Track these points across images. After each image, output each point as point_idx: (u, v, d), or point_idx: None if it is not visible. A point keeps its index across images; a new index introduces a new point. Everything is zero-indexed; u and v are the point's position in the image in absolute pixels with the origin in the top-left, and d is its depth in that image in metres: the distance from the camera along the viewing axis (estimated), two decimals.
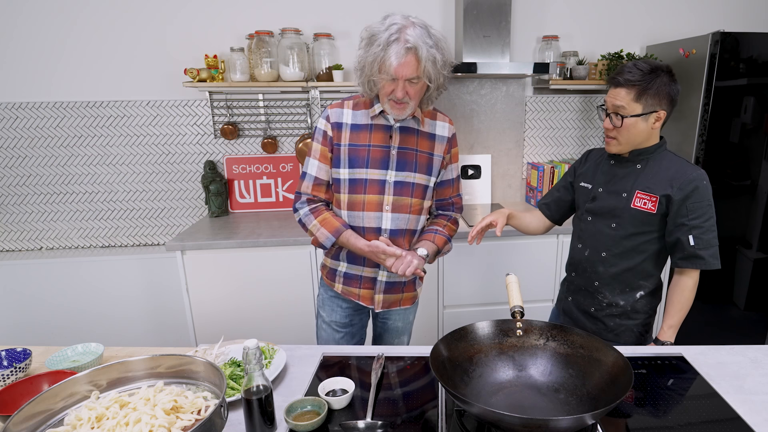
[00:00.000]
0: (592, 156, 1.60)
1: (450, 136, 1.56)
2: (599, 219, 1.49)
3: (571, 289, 1.61)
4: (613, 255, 1.46)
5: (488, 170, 2.89)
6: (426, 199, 1.55)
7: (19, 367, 1.16)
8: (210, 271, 2.27)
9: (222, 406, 0.84)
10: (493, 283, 2.42)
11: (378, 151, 1.46)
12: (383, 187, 1.47)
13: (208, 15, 2.56)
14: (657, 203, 1.38)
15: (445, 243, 1.59)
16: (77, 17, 2.49)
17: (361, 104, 1.49)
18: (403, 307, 1.65)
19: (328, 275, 1.62)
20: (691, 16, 2.82)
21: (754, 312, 2.61)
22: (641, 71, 1.32)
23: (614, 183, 1.47)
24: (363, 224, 1.49)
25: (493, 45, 2.52)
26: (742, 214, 2.48)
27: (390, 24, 1.30)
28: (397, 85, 1.33)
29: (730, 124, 2.36)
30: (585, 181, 1.56)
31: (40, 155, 2.64)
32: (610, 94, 1.39)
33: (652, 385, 1.15)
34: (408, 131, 1.48)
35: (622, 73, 1.34)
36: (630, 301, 1.47)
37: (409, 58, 1.29)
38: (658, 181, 1.39)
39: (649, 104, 1.34)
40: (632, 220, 1.42)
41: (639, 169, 1.43)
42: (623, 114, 1.35)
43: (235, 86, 2.48)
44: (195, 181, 2.77)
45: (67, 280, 2.61)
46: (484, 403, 1.02)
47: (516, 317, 1.15)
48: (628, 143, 1.41)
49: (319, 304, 1.68)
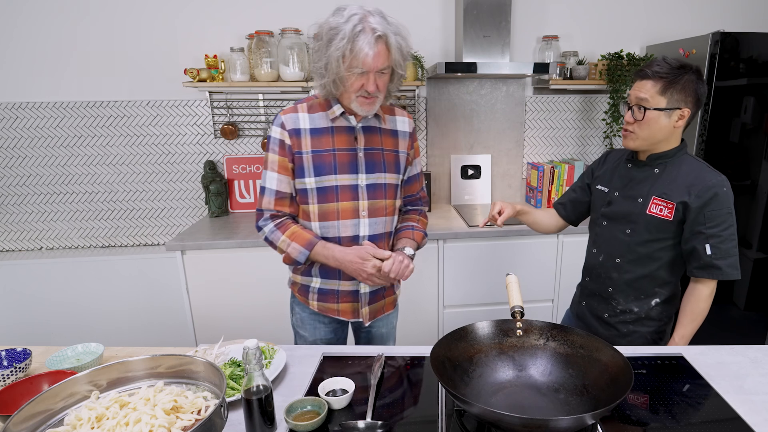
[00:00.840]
0: (611, 158, 1.56)
1: (411, 130, 1.50)
2: (614, 224, 1.45)
3: (585, 293, 1.58)
4: (627, 261, 1.43)
5: (488, 170, 2.89)
6: (397, 198, 1.49)
7: (19, 367, 1.16)
8: (210, 271, 2.27)
9: (222, 406, 0.84)
10: (493, 283, 2.42)
11: (344, 155, 1.37)
12: (356, 192, 1.39)
13: (208, 15, 2.56)
14: (674, 210, 1.33)
15: (423, 238, 1.54)
16: (77, 17, 2.49)
17: (316, 106, 1.38)
18: (386, 312, 1.58)
19: (300, 292, 1.52)
20: (691, 16, 2.82)
21: (754, 312, 2.61)
22: (670, 65, 1.29)
23: (631, 187, 1.42)
24: (339, 234, 1.40)
25: (493, 45, 2.52)
26: (742, 214, 2.48)
27: (350, 15, 1.22)
28: (368, 79, 1.26)
29: (730, 124, 2.36)
30: (602, 185, 1.52)
31: (40, 155, 2.64)
32: (635, 87, 1.34)
33: (652, 385, 1.15)
34: (371, 131, 1.41)
35: (650, 66, 1.31)
36: (644, 308, 1.44)
37: (380, 47, 1.22)
38: (676, 188, 1.34)
39: (674, 99, 1.29)
40: (647, 227, 1.38)
41: (657, 173, 1.38)
42: (646, 106, 1.31)
43: (235, 86, 2.48)
44: (195, 181, 2.77)
45: (67, 280, 2.61)
46: (484, 403, 1.02)
47: (516, 317, 1.14)
48: (647, 139, 1.35)
49: (297, 324, 1.56)
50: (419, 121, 2.83)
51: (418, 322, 2.49)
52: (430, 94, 2.80)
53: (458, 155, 2.88)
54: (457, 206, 2.85)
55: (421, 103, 2.82)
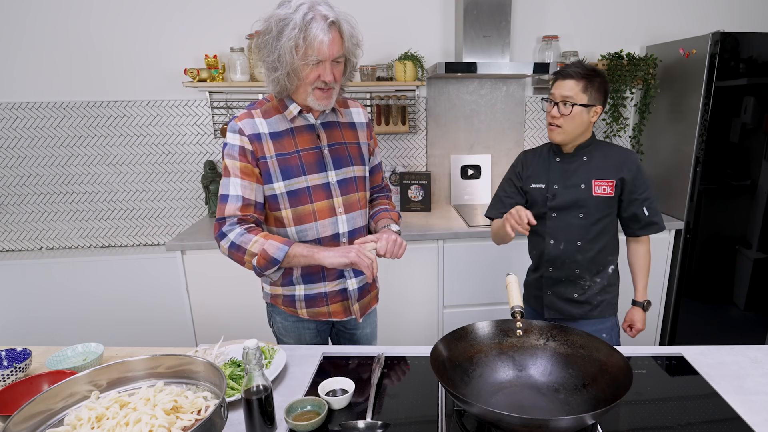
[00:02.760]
0: (531, 157, 1.68)
1: (367, 121, 1.48)
2: (565, 213, 1.59)
3: (549, 283, 1.66)
4: (587, 241, 1.58)
5: (488, 170, 2.89)
6: (367, 190, 1.47)
7: (19, 367, 1.16)
8: (210, 271, 2.27)
9: (222, 406, 0.84)
10: (493, 283, 2.42)
11: (310, 155, 1.33)
12: (329, 190, 1.35)
13: (208, 15, 2.56)
14: (614, 186, 1.54)
15: (398, 218, 1.53)
16: (77, 17, 2.49)
17: (271, 110, 1.33)
18: (373, 307, 1.56)
19: (285, 303, 1.45)
20: (691, 16, 2.82)
21: (754, 312, 2.61)
22: (586, 68, 1.50)
23: (568, 178, 1.58)
24: (318, 235, 1.36)
25: (493, 45, 2.52)
26: (742, 214, 2.48)
27: (298, 4, 1.18)
28: (324, 68, 1.21)
29: (730, 124, 2.36)
30: (536, 183, 1.64)
31: (40, 155, 2.64)
32: (557, 86, 1.52)
33: (652, 385, 1.15)
34: (331, 126, 1.38)
35: (569, 67, 1.51)
36: (605, 277, 1.63)
37: (334, 33, 1.19)
38: (609, 168, 1.55)
39: (592, 97, 1.50)
40: (597, 207, 1.56)
41: (586, 161, 1.57)
42: (573, 102, 1.48)
43: (235, 86, 2.48)
44: (195, 181, 2.77)
45: (67, 280, 2.61)
46: (484, 403, 1.02)
47: (516, 317, 1.15)
48: (572, 132, 1.53)
49: (281, 333, 1.51)
50: (419, 121, 2.83)
51: (418, 322, 2.49)
52: (430, 94, 2.80)
53: (458, 155, 2.88)
54: (457, 206, 2.85)
55: (421, 103, 2.82)
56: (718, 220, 2.47)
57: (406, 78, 2.53)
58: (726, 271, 2.55)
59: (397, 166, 2.89)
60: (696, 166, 2.41)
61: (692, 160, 2.41)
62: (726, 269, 2.55)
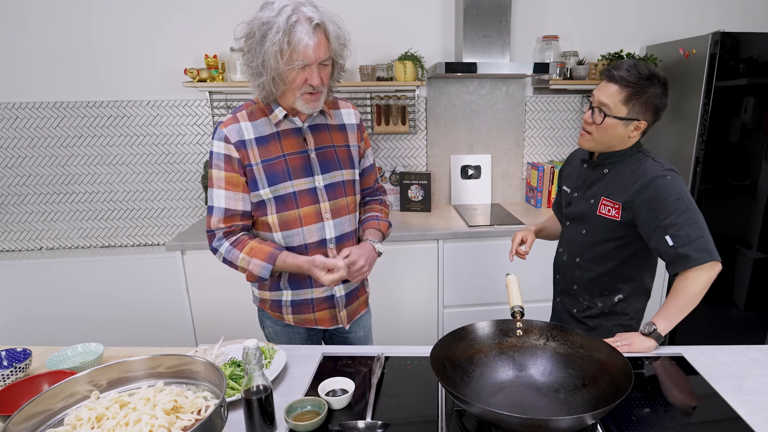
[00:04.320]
0: (574, 158, 1.57)
1: (358, 122, 1.44)
2: (574, 224, 1.48)
3: (557, 290, 1.61)
4: (585, 260, 1.44)
5: (488, 170, 2.89)
6: (357, 193, 1.44)
7: (19, 367, 1.16)
8: (210, 271, 2.26)
9: (222, 406, 0.84)
10: (493, 283, 2.42)
11: (296, 159, 1.31)
12: (315, 195, 1.33)
13: (208, 15, 2.56)
14: (620, 211, 1.32)
15: (387, 228, 1.51)
16: (77, 17, 2.49)
17: (257, 112, 1.30)
18: (361, 312, 1.54)
19: (272, 308, 1.45)
20: (691, 16, 2.82)
21: (754, 312, 2.61)
22: (639, 74, 1.25)
23: (586, 188, 1.43)
24: (305, 240, 1.34)
25: (493, 45, 2.52)
26: (742, 214, 2.48)
27: (281, 7, 1.14)
28: (311, 72, 1.18)
29: (730, 124, 2.36)
30: (566, 185, 1.53)
31: (40, 155, 2.64)
32: (600, 88, 1.31)
33: (652, 385, 1.15)
34: (319, 129, 1.35)
35: (619, 69, 1.27)
36: (608, 304, 1.44)
37: (320, 36, 1.16)
38: (619, 188, 1.33)
39: (634, 111, 1.27)
40: (599, 227, 1.38)
41: (606, 174, 1.38)
42: (607, 112, 1.29)
43: (235, 86, 2.48)
44: (195, 181, 2.77)
45: (67, 280, 2.61)
46: (484, 403, 1.02)
47: (516, 317, 1.15)
48: (602, 143, 1.34)
49: (271, 336, 1.51)
50: (419, 121, 2.83)
51: (418, 321, 2.49)
52: (430, 94, 2.80)
53: (458, 155, 2.88)
54: (457, 206, 2.85)
55: (421, 103, 2.82)
56: (718, 220, 2.47)
57: (406, 78, 2.53)
58: (726, 271, 2.54)
59: (397, 166, 2.89)
60: (696, 166, 2.41)
61: (692, 160, 2.41)
62: (726, 269, 2.54)
